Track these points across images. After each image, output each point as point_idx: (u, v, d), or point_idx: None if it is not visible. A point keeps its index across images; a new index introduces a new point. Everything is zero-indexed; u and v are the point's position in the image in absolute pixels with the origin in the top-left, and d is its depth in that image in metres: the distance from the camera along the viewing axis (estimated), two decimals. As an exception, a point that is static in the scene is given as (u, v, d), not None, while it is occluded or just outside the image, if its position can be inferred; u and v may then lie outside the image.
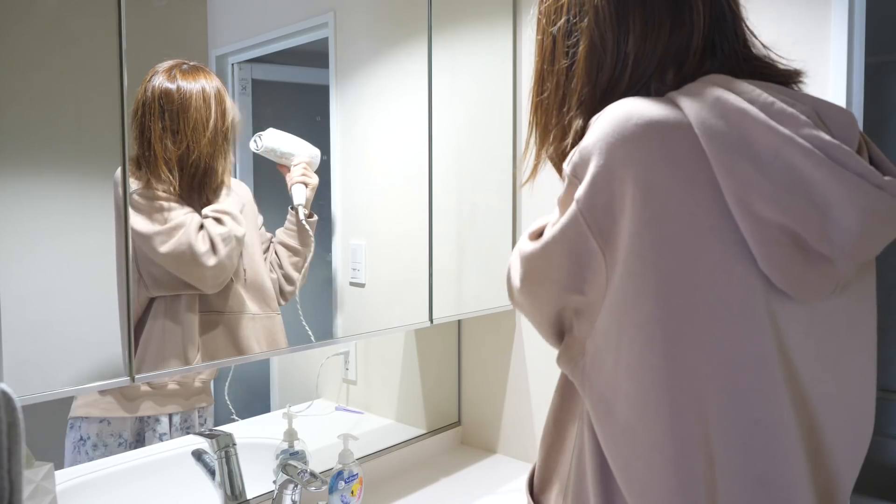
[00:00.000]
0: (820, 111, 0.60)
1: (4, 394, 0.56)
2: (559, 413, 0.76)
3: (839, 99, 1.16)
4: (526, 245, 0.68)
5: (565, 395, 0.75)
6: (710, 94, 0.59)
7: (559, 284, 0.65)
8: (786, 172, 0.56)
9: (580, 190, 0.59)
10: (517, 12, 1.62)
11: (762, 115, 0.57)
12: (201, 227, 1.10)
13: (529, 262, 0.68)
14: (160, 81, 1.09)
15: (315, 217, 1.32)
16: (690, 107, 0.58)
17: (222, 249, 1.10)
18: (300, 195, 1.29)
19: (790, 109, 0.58)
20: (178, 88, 1.10)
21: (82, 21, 0.91)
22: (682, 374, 0.59)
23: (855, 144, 0.60)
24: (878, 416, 2.63)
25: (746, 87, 0.59)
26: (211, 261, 1.09)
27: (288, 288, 1.29)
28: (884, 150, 0.62)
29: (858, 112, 1.20)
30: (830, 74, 1.17)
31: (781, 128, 0.57)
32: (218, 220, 1.12)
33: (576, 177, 0.60)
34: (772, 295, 0.59)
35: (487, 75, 1.57)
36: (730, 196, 0.57)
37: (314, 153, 1.32)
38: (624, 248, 0.58)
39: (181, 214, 1.08)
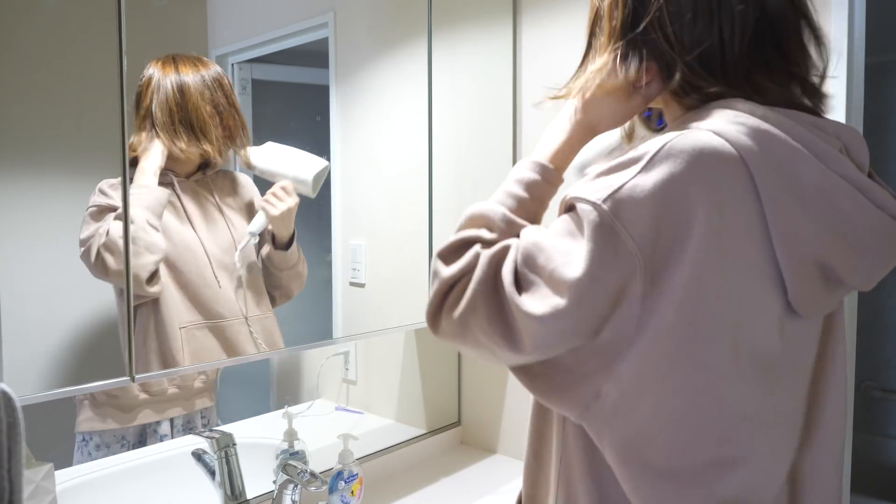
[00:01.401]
0: (841, 137, 0.62)
1: (4, 394, 0.56)
2: (538, 445, 0.75)
3: (839, 99, 1.16)
4: (527, 303, 0.58)
5: (539, 425, 0.74)
6: (755, 128, 0.57)
7: (581, 334, 0.58)
8: (828, 211, 0.58)
9: (639, 228, 0.54)
10: (517, 12, 1.62)
11: (810, 155, 0.58)
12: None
13: (554, 319, 0.56)
14: (200, 68, 1.12)
15: (289, 249, 1.23)
16: (739, 141, 0.57)
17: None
18: (254, 223, 1.19)
19: (832, 149, 0.59)
20: (219, 73, 1.15)
21: (82, 21, 0.91)
22: (724, 409, 0.59)
23: (867, 164, 0.64)
24: (878, 416, 2.63)
25: (784, 121, 0.59)
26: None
27: (276, 295, 1.28)
28: (884, 150, 0.63)
29: (859, 112, 1.20)
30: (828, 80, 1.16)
31: (827, 168, 0.58)
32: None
33: (616, 215, 0.55)
34: (784, 314, 0.61)
35: (487, 75, 1.57)
36: (778, 235, 0.57)
37: (302, 177, 1.18)
38: (680, 293, 0.55)
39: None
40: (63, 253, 0.92)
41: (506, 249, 0.62)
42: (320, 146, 1.33)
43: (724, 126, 0.58)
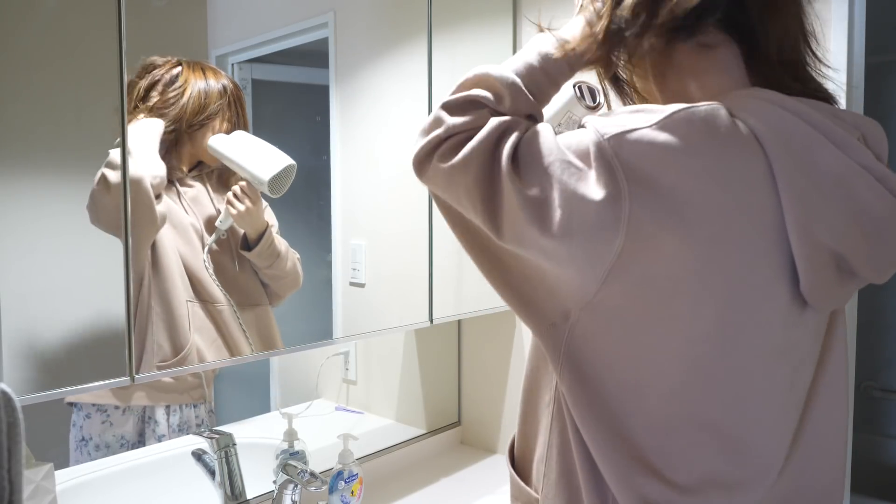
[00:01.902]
0: (859, 126, 0.62)
1: (4, 394, 0.56)
2: (531, 382, 0.75)
3: (839, 99, 1.16)
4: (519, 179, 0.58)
5: (538, 361, 0.74)
6: (774, 114, 0.58)
7: (548, 241, 0.57)
8: (845, 200, 0.58)
9: (635, 173, 0.54)
10: (517, 12, 1.62)
11: (829, 142, 0.58)
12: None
13: (535, 204, 0.57)
14: (222, 78, 1.19)
15: (252, 250, 1.21)
16: (758, 126, 0.57)
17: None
18: (221, 219, 1.18)
19: (850, 137, 0.59)
20: (238, 86, 1.23)
21: (82, 21, 0.91)
22: (697, 378, 0.60)
23: (886, 156, 0.63)
24: (878, 416, 2.62)
25: (803, 108, 0.59)
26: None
27: (268, 292, 1.28)
28: (884, 150, 0.65)
29: (859, 112, 1.19)
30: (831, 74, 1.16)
31: (846, 157, 0.58)
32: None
33: (617, 154, 0.54)
34: (791, 304, 0.60)
35: (487, 75, 1.56)
36: (793, 222, 0.57)
37: (260, 176, 1.14)
38: (667, 250, 0.55)
39: None
40: (63, 252, 0.92)
41: (517, 123, 0.62)
42: (320, 146, 1.33)
43: (743, 109, 0.58)
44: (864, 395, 2.47)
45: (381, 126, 1.39)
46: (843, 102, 1.16)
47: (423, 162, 0.65)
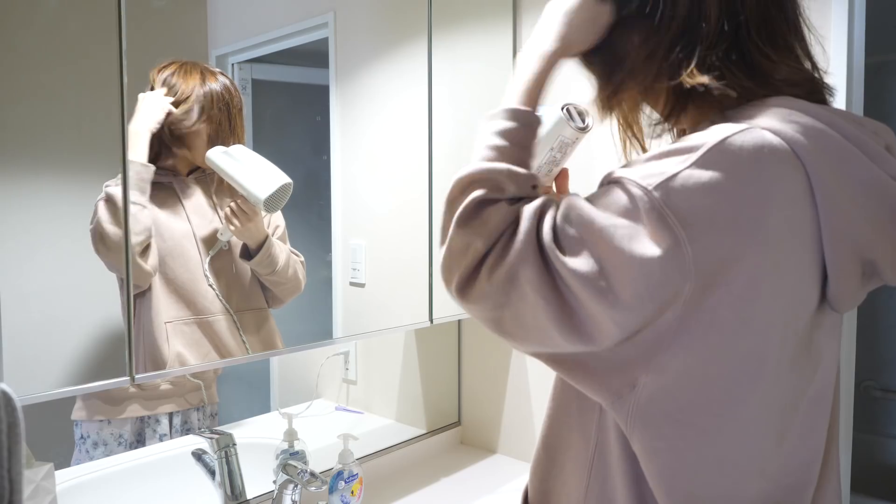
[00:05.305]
0: (879, 133, 0.63)
1: (4, 394, 0.56)
2: (555, 437, 0.73)
3: (839, 99, 1.16)
4: (572, 261, 0.55)
5: (558, 417, 0.72)
6: (808, 126, 0.57)
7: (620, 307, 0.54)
8: (877, 210, 0.58)
9: (691, 219, 0.52)
10: (517, 12, 1.62)
11: (861, 153, 0.58)
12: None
13: (597, 277, 0.54)
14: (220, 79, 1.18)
15: (252, 259, 1.21)
16: (796, 140, 0.56)
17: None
18: (222, 230, 1.19)
19: (880, 148, 0.59)
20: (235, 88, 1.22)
21: (82, 21, 0.91)
22: (759, 403, 0.60)
23: None
24: (878, 416, 2.62)
25: (834, 118, 0.59)
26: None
27: (268, 296, 1.27)
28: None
29: (859, 112, 1.20)
30: (830, 75, 1.17)
31: (878, 168, 0.58)
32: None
33: (667, 203, 0.52)
34: (818, 309, 0.61)
35: (487, 75, 1.57)
36: (830, 232, 0.57)
37: (256, 194, 1.13)
38: (737, 291, 0.54)
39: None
40: (64, 253, 0.92)
41: (546, 203, 0.59)
42: (320, 146, 1.33)
43: (780, 124, 0.57)
44: (864, 395, 2.47)
45: (382, 126, 1.39)
46: (842, 105, 1.16)
47: (468, 283, 0.59)
